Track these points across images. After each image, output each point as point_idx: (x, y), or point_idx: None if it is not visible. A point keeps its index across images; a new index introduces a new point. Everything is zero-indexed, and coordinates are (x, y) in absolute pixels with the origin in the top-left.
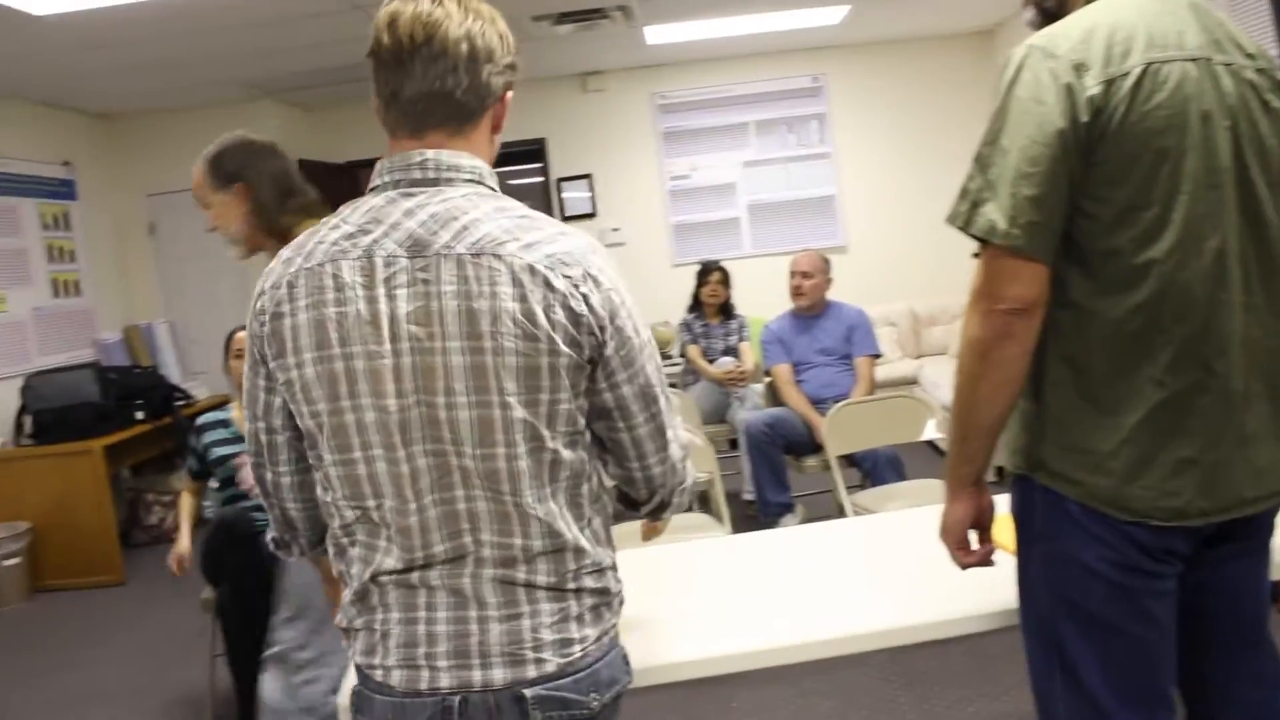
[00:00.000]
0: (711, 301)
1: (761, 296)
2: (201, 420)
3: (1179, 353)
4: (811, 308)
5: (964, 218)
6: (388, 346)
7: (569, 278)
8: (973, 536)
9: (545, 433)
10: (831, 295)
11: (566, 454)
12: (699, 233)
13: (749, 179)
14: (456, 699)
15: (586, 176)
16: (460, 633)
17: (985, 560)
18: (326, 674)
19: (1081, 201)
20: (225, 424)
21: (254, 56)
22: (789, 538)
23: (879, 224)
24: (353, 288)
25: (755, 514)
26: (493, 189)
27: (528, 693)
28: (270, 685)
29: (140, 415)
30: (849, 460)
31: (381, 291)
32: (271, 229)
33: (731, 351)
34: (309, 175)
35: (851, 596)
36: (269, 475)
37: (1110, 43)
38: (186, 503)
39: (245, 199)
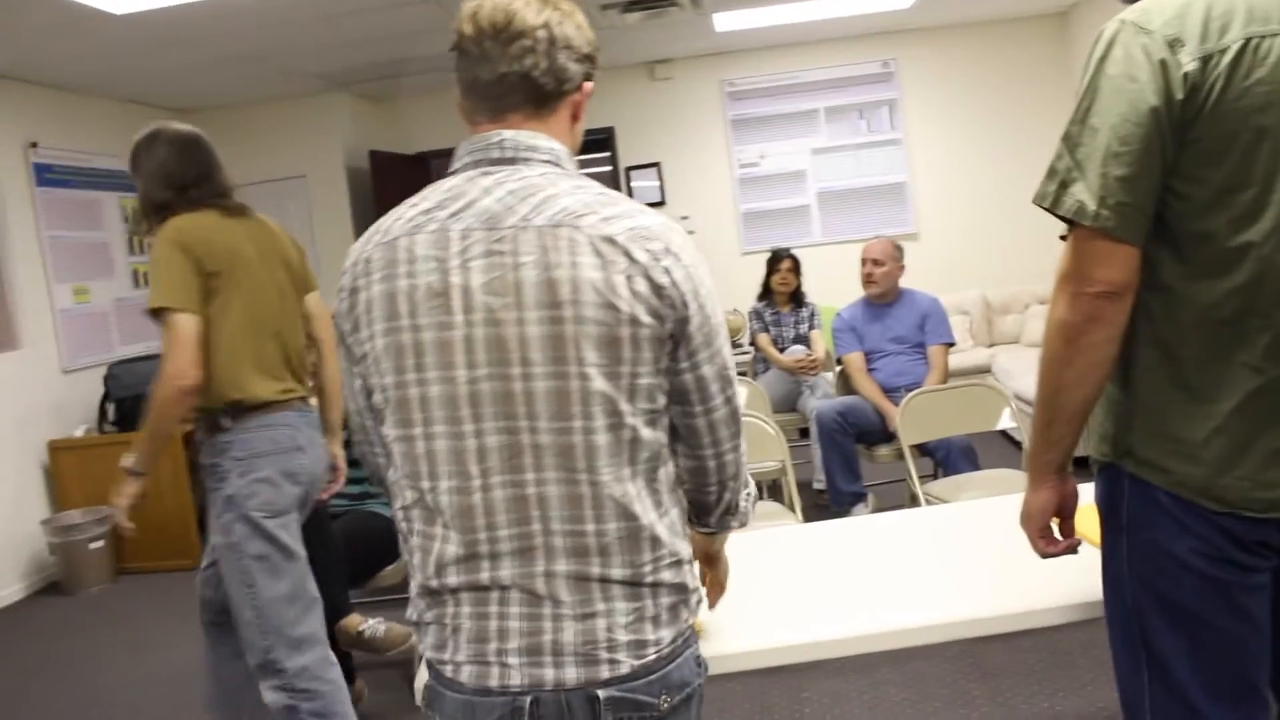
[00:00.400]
0: (782, 289)
1: (831, 284)
2: None
3: (1277, 338)
4: (884, 295)
5: (1051, 198)
6: (459, 318)
7: (650, 251)
8: (1054, 526)
9: (625, 407)
10: (903, 283)
11: (645, 432)
12: (768, 221)
13: (819, 166)
14: (528, 699)
15: (655, 165)
16: (533, 630)
17: (1069, 550)
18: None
19: (1174, 182)
20: None
21: (327, 49)
22: (861, 527)
23: (951, 211)
24: (426, 260)
25: (826, 503)
26: (569, 171)
27: (601, 694)
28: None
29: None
30: (922, 449)
31: (455, 264)
32: (155, 217)
33: (802, 340)
34: (380, 166)
35: (925, 587)
36: (372, 458)
37: (1208, 17)
38: None
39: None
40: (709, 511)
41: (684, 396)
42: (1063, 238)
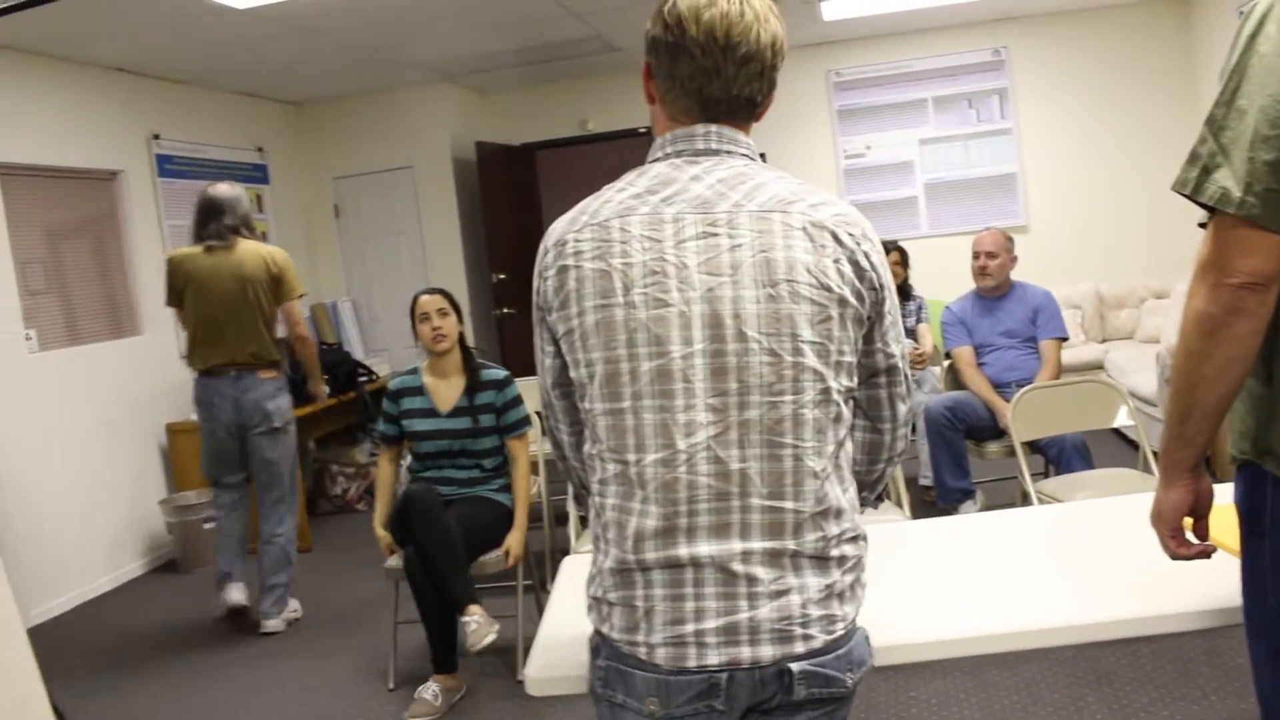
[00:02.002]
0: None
1: (938, 278)
2: (395, 385)
3: None
4: (996, 288)
5: (1193, 184)
6: (676, 295)
7: (852, 235)
8: (1187, 525)
9: (832, 384)
10: (1014, 276)
11: (845, 410)
12: (874, 212)
13: (926, 157)
14: (724, 675)
15: (760, 155)
16: (729, 609)
17: (1201, 555)
18: None
19: None
20: (420, 391)
21: (436, 41)
22: (970, 525)
23: (1063, 202)
24: (640, 240)
25: (933, 500)
26: (764, 163)
27: (794, 667)
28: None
29: (326, 390)
30: (1033, 447)
31: (670, 244)
32: None
33: (909, 333)
34: (486, 157)
35: (1037, 588)
36: (555, 433)
37: None
38: (384, 473)
39: None
40: (868, 489)
41: (875, 373)
42: (1202, 225)
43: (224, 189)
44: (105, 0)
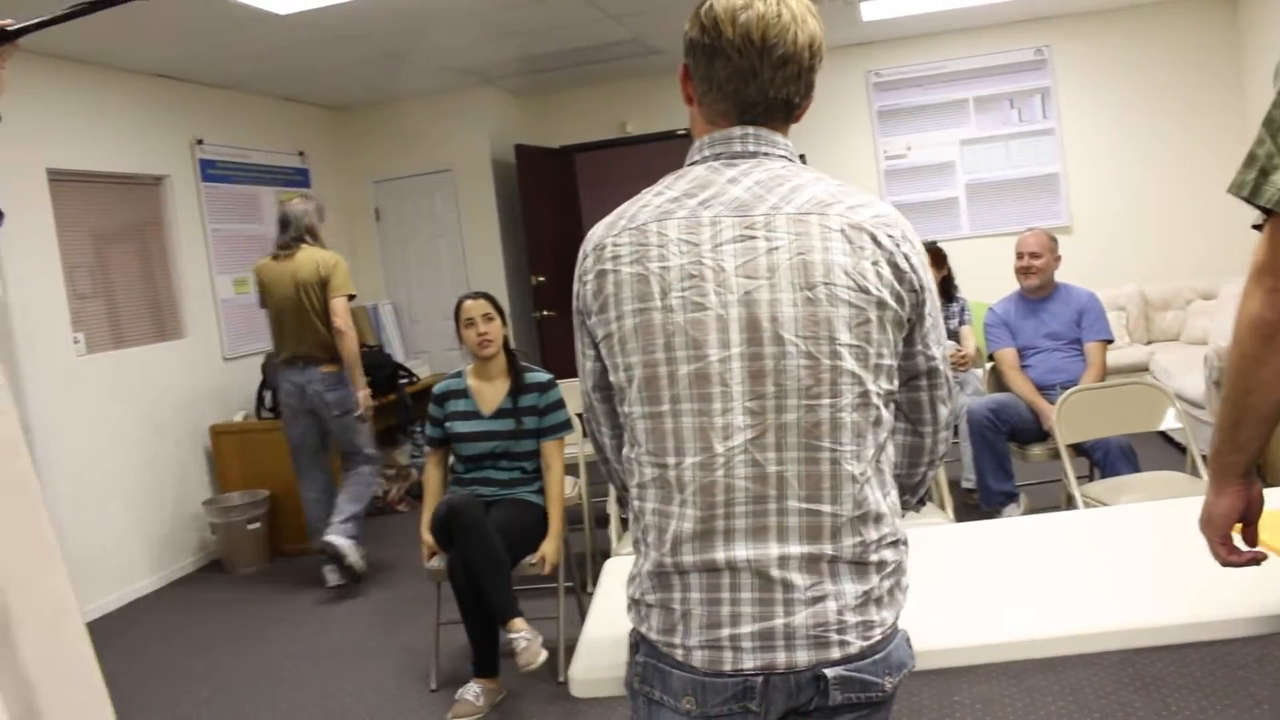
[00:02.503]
0: None
1: (980, 279)
2: (440, 389)
3: None
4: (1040, 289)
5: (1250, 186)
6: (713, 299)
7: (891, 237)
8: (1236, 531)
9: (871, 387)
10: (1057, 277)
11: (885, 413)
12: (915, 213)
13: (967, 157)
14: (759, 679)
15: (800, 157)
16: (765, 615)
17: (1252, 562)
18: None
19: None
20: (465, 394)
21: (477, 44)
22: (1014, 528)
23: (1106, 202)
24: (677, 244)
25: (975, 503)
26: (802, 165)
27: (829, 673)
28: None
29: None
30: (1078, 449)
31: (707, 247)
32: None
33: (951, 335)
34: (526, 160)
35: (1082, 592)
36: (597, 436)
37: None
38: (431, 478)
39: None
40: (910, 492)
41: (915, 376)
42: (1256, 228)
43: (293, 205)
44: (150, 8)
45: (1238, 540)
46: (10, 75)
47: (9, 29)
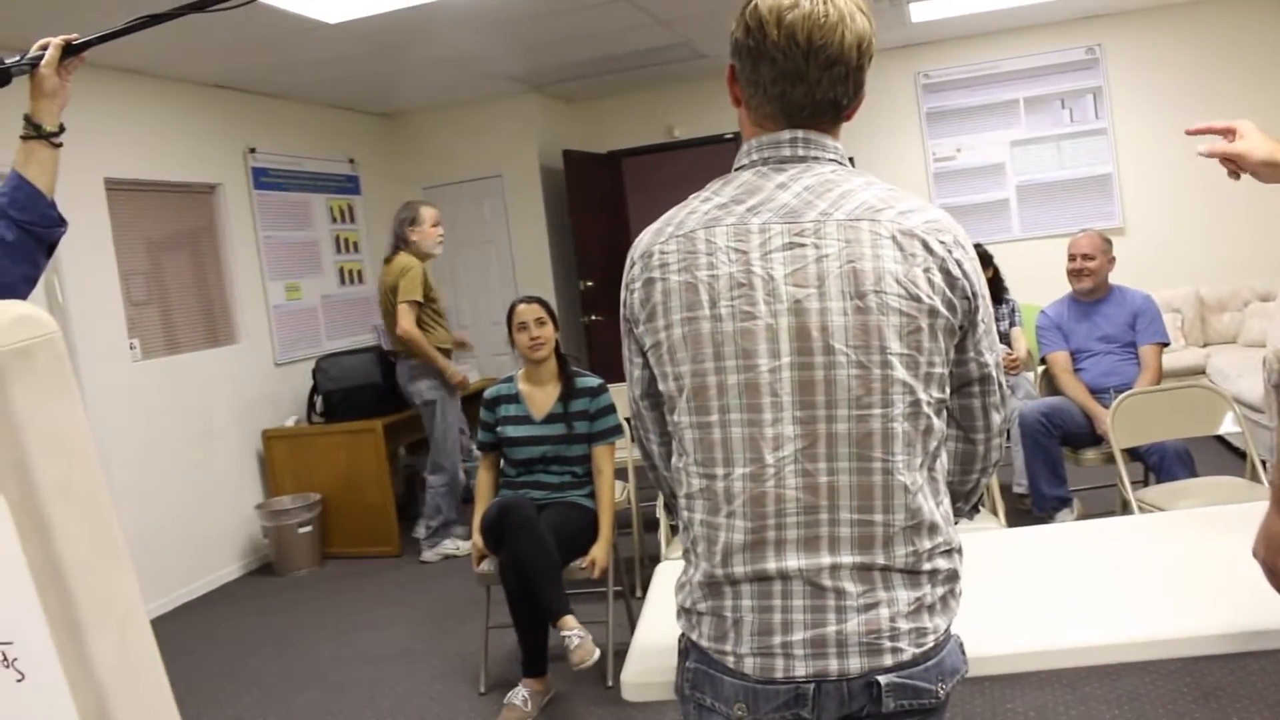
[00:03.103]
0: None
1: (1031, 282)
2: (491, 393)
3: None
4: (1094, 292)
5: None
6: (763, 308)
7: (943, 243)
8: None
9: (922, 396)
10: (1111, 279)
11: (936, 421)
12: (965, 215)
13: (1018, 158)
14: (811, 686)
15: (849, 159)
16: (818, 621)
17: None
18: None
19: None
20: (516, 399)
21: (523, 51)
22: (1068, 534)
23: (1160, 203)
24: (726, 252)
25: (1028, 508)
26: (853, 168)
27: (882, 680)
28: None
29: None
30: (1132, 454)
31: (756, 255)
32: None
33: (1003, 337)
34: (573, 165)
35: (1138, 599)
36: (645, 444)
37: None
38: (483, 481)
39: None
40: (963, 499)
41: (967, 383)
42: None
43: (399, 212)
44: (203, 21)
45: None
46: (73, 87)
47: (74, 43)
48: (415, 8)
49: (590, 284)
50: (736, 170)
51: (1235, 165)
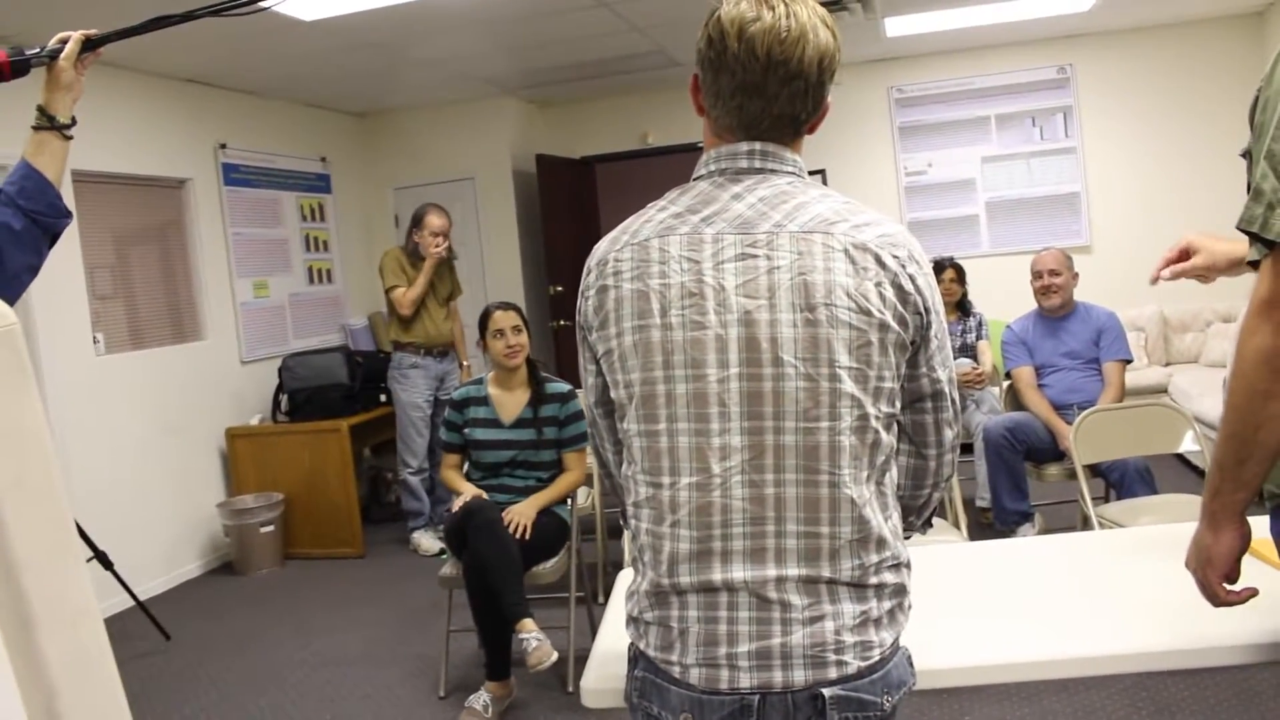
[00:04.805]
0: (946, 300)
1: (999, 296)
2: (460, 395)
3: None
4: (1061, 308)
5: (1260, 221)
6: (713, 318)
7: (897, 257)
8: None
9: (871, 410)
10: (1076, 296)
11: (885, 436)
12: (935, 230)
13: (988, 174)
14: (756, 698)
15: (820, 171)
16: (763, 634)
17: (1248, 599)
18: None
19: None
20: (485, 401)
21: (499, 54)
22: (1029, 548)
23: (1127, 222)
24: (679, 261)
25: (990, 521)
26: (810, 180)
27: (826, 692)
28: None
29: (383, 398)
30: (1094, 470)
31: (709, 265)
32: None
33: (968, 350)
34: (546, 169)
35: (1097, 614)
36: (600, 451)
37: None
38: (449, 475)
39: None
40: (915, 514)
41: (919, 398)
42: (1252, 264)
43: (415, 210)
44: (169, 6)
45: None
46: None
47: (93, 38)
48: (390, 8)
49: (560, 289)
50: (694, 180)
51: (1205, 277)
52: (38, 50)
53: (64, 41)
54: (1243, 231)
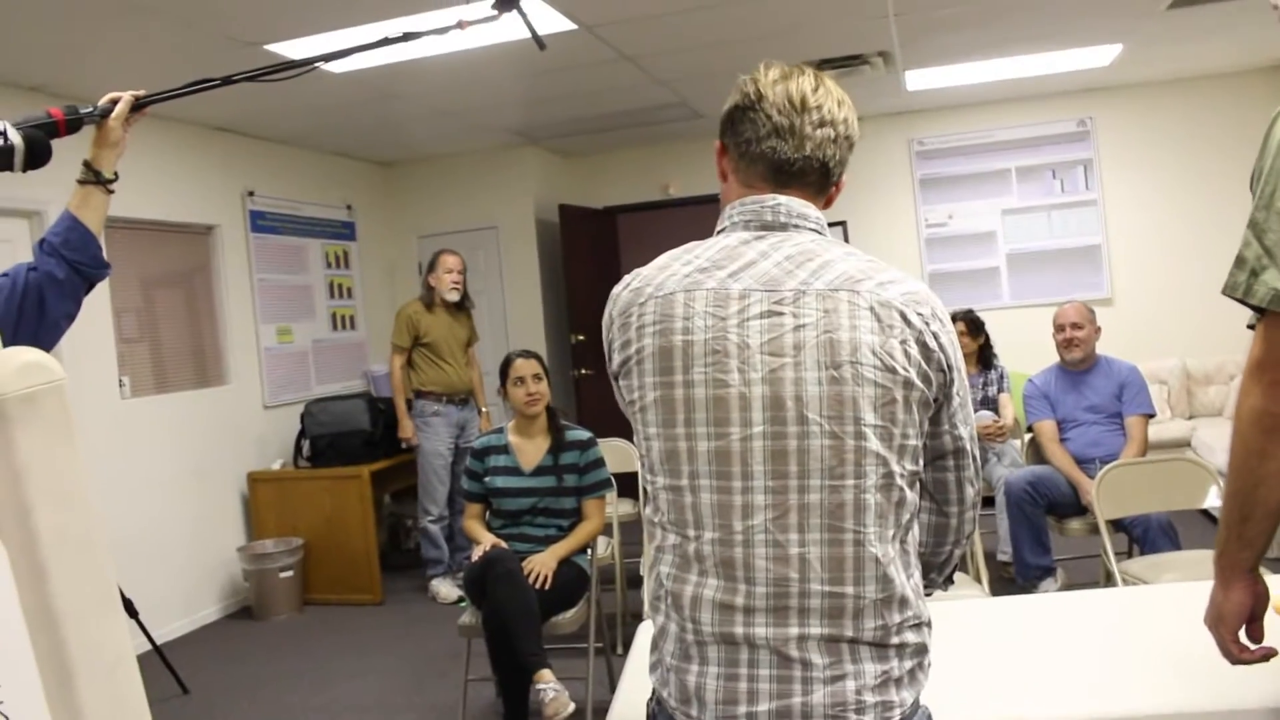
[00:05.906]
0: (964, 352)
1: (1020, 349)
2: (480, 443)
3: None
4: (1083, 361)
5: (1243, 287)
6: (736, 375)
7: (921, 315)
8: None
9: (895, 468)
10: (1099, 350)
11: (909, 494)
12: (956, 282)
13: (1009, 227)
14: None
15: (841, 223)
16: (783, 692)
17: (1265, 658)
18: None
19: None
20: (505, 449)
21: (522, 106)
22: (1051, 604)
23: (1149, 275)
24: (703, 317)
25: (1011, 576)
26: (832, 239)
27: None
28: None
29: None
30: (1117, 525)
31: (734, 322)
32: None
33: (989, 403)
34: (569, 219)
35: (1120, 672)
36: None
37: None
38: (471, 529)
39: None
40: (935, 571)
41: (941, 455)
42: (1250, 326)
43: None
44: (209, 68)
45: (1242, 637)
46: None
47: (141, 99)
48: (416, 60)
49: (581, 338)
50: (718, 233)
51: None
52: (90, 109)
53: (114, 101)
54: (1227, 296)
